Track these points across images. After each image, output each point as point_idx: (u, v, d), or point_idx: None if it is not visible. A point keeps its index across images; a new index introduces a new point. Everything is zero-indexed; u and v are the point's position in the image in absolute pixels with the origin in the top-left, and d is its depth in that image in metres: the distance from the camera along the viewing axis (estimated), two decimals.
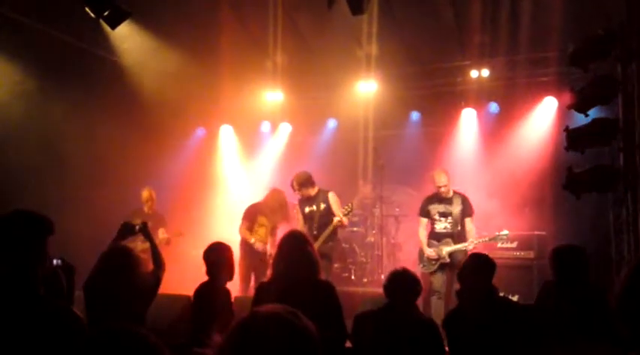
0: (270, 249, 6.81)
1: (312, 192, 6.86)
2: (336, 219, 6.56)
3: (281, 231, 6.53)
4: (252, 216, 7.08)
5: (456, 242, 6.52)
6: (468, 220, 6.63)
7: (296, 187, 6.85)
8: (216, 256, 4.24)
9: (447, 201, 6.65)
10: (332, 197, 6.84)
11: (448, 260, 6.47)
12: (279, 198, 7.12)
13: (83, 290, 3.61)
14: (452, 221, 6.60)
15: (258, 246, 6.85)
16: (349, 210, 6.74)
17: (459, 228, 6.60)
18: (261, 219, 7.08)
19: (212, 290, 4.17)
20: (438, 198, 6.70)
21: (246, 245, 6.93)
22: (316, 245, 6.61)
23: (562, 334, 3.53)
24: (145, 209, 7.43)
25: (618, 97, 5.20)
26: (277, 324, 1.37)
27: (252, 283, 6.80)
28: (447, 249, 6.50)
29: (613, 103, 5.47)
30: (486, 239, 6.62)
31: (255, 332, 1.37)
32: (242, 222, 7.06)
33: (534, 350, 3.61)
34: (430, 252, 6.55)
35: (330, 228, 6.63)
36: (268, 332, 1.35)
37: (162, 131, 8.34)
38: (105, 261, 3.66)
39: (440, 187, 6.60)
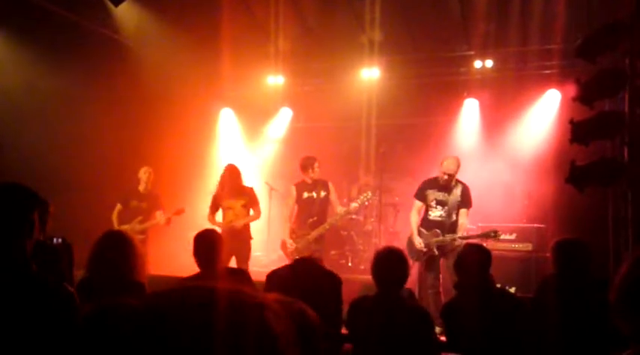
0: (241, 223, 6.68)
1: (315, 177, 6.94)
2: (353, 206, 6.89)
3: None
4: (214, 202, 6.89)
5: (446, 232, 6.27)
6: (463, 211, 6.34)
7: (314, 168, 6.87)
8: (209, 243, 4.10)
9: (448, 189, 6.34)
10: (332, 187, 6.99)
11: (437, 253, 6.25)
12: (225, 171, 6.89)
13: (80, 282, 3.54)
14: (447, 210, 6.32)
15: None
16: (367, 198, 6.98)
17: (454, 218, 6.33)
18: (226, 202, 6.81)
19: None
20: (438, 184, 6.38)
21: (223, 229, 6.60)
22: (318, 231, 6.68)
23: (561, 327, 3.50)
24: (140, 189, 7.35)
25: (625, 91, 5.14)
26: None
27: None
28: (435, 240, 6.26)
29: (618, 97, 5.43)
30: (477, 234, 6.38)
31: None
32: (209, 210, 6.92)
33: (532, 342, 3.60)
34: (419, 243, 6.33)
35: (344, 214, 6.91)
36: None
37: (162, 112, 8.28)
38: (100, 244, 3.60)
39: (445, 174, 6.27)
